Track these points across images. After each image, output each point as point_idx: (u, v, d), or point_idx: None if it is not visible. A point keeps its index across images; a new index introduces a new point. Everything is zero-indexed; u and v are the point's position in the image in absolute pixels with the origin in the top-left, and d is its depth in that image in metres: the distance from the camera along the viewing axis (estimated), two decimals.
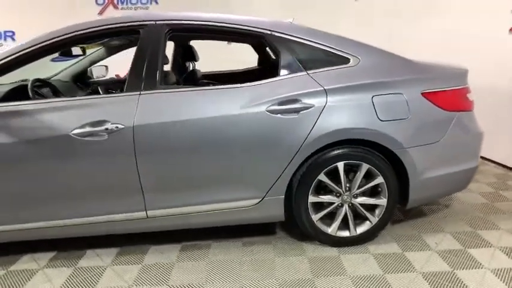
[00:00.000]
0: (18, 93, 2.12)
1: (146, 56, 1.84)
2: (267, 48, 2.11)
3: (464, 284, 1.72)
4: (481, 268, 1.84)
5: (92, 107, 1.78)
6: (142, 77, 1.82)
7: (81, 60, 2.77)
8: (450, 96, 1.98)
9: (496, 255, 1.94)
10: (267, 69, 2.83)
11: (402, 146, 1.89)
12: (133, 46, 2.41)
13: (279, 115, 1.82)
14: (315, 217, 1.98)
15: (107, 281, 1.82)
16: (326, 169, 1.91)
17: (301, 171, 1.90)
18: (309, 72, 1.91)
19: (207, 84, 1.92)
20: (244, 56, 3.52)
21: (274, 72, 1.96)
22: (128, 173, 1.80)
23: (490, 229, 2.21)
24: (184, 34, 2.17)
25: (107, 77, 2.84)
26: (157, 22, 1.89)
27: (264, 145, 1.84)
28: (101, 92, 2.40)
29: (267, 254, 2.01)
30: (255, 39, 2.00)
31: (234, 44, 3.65)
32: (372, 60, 1.97)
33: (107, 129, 1.73)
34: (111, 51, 2.79)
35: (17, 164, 1.74)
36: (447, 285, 1.71)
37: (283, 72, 1.91)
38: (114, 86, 2.61)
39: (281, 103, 1.83)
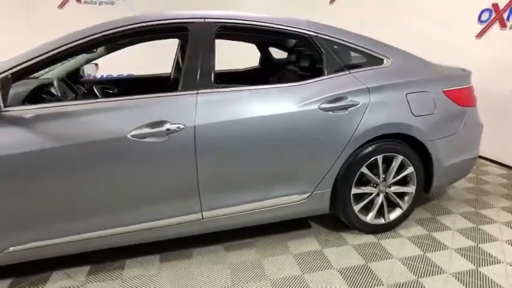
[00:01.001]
0: (39, 92, 1.92)
1: (199, 54, 1.80)
2: (307, 48, 2.16)
3: (490, 254, 2.00)
4: (498, 241, 2.14)
5: (147, 106, 1.68)
6: (198, 75, 1.78)
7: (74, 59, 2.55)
8: (463, 93, 2.26)
9: (502, 230, 2.27)
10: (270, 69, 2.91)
11: (431, 138, 2.12)
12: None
13: (330, 112, 1.92)
14: (356, 208, 2.12)
15: None
16: (367, 162, 2.06)
17: (346, 165, 2.02)
18: (351, 71, 2.04)
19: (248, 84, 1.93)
20: (241, 54, 3.57)
21: (317, 72, 2.05)
22: (187, 175, 1.75)
23: (487, 208, 2.57)
24: (231, 33, 2.14)
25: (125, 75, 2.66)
26: (206, 20, 1.85)
27: (318, 141, 1.92)
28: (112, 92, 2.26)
29: (252, 256, 2.02)
30: (299, 39, 2.06)
31: (226, 44, 3.65)
32: (400, 61, 2.17)
33: (168, 129, 1.66)
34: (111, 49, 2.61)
35: (65, 170, 1.58)
36: (478, 257, 1.97)
37: (328, 71, 2.01)
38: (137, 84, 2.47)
39: (331, 101, 1.93)
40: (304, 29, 2.01)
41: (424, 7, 4.11)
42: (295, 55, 2.36)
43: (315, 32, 2.02)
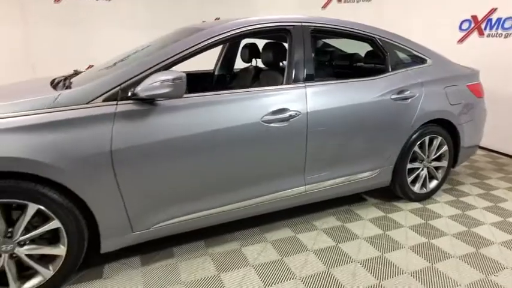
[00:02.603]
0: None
1: (303, 52, 2.12)
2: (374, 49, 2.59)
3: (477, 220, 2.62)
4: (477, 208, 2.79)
5: (272, 96, 1.97)
6: (304, 70, 2.10)
7: None
8: (478, 87, 2.87)
9: (477, 200, 2.94)
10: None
11: (460, 122, 2.68)
12: None
13: (398, 102, 2.37)
14: (409, 180, 2.61)
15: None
16: (419, 142, 2.55)
17: (405, 145, 2.49)
18: (408, 69, 2.51)
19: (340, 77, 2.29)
20: None
21: (381, 68, 2.49)
22: (299, 154, 2.07)
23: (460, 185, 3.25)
24: (319, 34, 2.46)
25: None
26: (303, 24, 2.17)
27: (391, 125, 2.36)
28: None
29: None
30: (367, 41, 2.47)
31: None
32: (437, 61, 2.70)
33: (290, 116, 1.97)
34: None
35: (212, 151, 1.81)
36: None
37: (392, 68, 2.46)
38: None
39: (398, 92, 2.38)
40: (372, 33, 2.43)
41: (413, 13, 4.78)
42: (367, 54, 2.77)
43: (379, 36, 2.45)
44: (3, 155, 1.39)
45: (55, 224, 1.56)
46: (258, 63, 2.92)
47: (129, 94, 1.63)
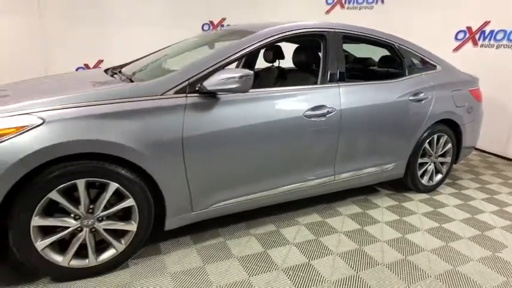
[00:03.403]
0: None
1: (336, 55, 2.38)
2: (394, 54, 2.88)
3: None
4: (476, 199, 3.15)
5: (312, 94, 2.22)
6: (337, 71, 2.36)
7: None
8: (478, 92, 3.22)
9: (476, 192, 3.30)
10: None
11: (464, 122, 3.02)
12: None
13: (414, 103, 2.66)
14: (419, 173, 2.92)
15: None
16: (428, 140, 2.86)
17: (417, 142, 2.79)
18: (421, 73, 2.81)
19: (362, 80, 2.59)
20: None
21: (398, 72, 2.79)
22: (332, 147, 2.33)
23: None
24: (348, 40, 2.71)
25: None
26: (335, 30, 2.43)
27: (408, 123, 2.66)
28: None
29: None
30: (387, 47, 2.77)
31: None
32: (444, 67, 3.03)
33: (328, 111, 2.22)
34: None
35: (265, 140, 2.05)
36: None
37: (408, 72, 2.76)
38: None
39: (414, 94, 2.68)
40: (391, 40, 2.72)
41: (412, 21, 5.12)
42: (383, 58, 3.05)
43: (398, 43, 2.75)
44: (98, 138, 1.57)
45: (130, 202, 1.74)
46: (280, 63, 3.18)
47: (196, 88, 1.84)
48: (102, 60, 5.58)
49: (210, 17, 6.12)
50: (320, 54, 2.41)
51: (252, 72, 1.84)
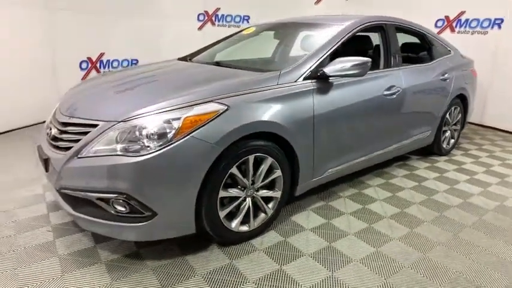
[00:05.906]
0: None
1: (395, 43, 2.87)
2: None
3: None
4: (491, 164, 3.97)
5: (386, 76, 2.70)
6: (397, 57, 2.85)
7: None
8: (474, 70, 3.97)
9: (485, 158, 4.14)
10: None
11: (470, 96, 3.74)
12: None
13: (442, 81, 3.28)
14: (442, 139, 3.59)
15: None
16: (449, 111, 3.53)
17: (443, 113, 3.44)
18: (444, 57, 3.44)
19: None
20: None
21: (427, 57, 3.38)
22: (399, 119, 2.86)
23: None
24: (397, 31, 3.18)
25: None
26: (390, 22, 2.91)
27: (440, 98, 3.28)
28: None
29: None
30: (419, 36, 3.33)
31: None
32: (455, 51, 3.70)
33: (398, 90, 2.72)
34: None
35: (365, 115, 2.53)
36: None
37: (435, 57, 3.36)
38: None
39: (443, 74, 3.29)
40: (423, 30, 3.30)
41: (394, 11, 5.82)
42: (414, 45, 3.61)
43: (427, 32, 3.33)
44: (269, 120, 1.88)
45: (278, 173, 2.07)
46: None
47: (318, 74, 2.19)
48: (104, 53, 5.44)
49: (205, 7, 6.23)
50: (378, 42, 2.89)
51: (369, 59, 2.24)
